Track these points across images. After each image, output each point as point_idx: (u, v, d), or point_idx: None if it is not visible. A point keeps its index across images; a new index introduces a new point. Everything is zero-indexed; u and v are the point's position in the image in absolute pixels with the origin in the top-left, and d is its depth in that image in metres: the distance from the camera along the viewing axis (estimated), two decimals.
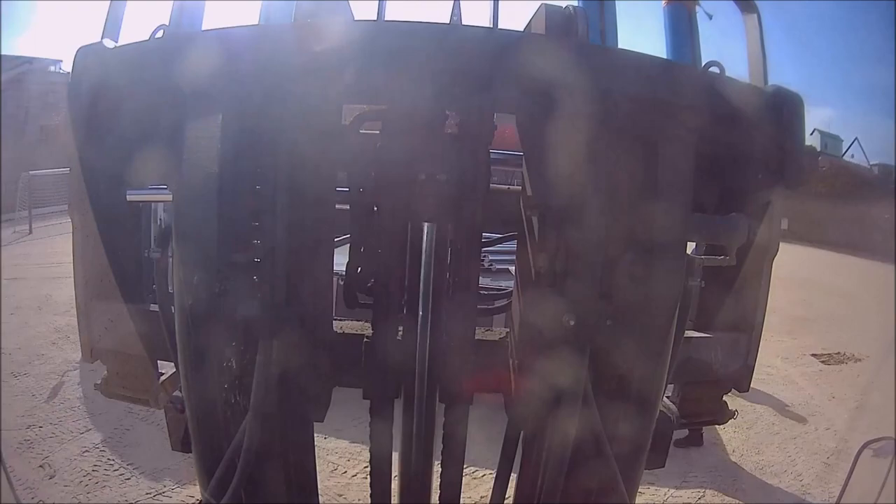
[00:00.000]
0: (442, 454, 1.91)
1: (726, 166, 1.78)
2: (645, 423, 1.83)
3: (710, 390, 2.21)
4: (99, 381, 2.25)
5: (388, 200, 1.78)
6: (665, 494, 4.34)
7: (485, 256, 4.48)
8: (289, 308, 1.68)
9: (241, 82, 1.66)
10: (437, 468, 1.96)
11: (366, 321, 1.95)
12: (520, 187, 2.01)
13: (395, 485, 1.95)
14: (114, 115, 1.81)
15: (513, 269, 2.09)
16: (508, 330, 1.99)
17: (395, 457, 1.92)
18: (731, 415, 2.29)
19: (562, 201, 1.65)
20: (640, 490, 2.01)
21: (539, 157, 1.72)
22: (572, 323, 1.65)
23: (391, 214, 1.78)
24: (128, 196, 1.97)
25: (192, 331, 1.73)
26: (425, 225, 1.74)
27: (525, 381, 1.80)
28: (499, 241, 2.09)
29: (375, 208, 1.81)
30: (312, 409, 1.83)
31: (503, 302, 2.10)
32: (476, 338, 1.92)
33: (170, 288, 1.88)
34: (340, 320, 1.98)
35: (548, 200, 1.70)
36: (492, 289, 2.82)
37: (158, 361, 2.19)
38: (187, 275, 1.71)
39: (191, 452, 1.89)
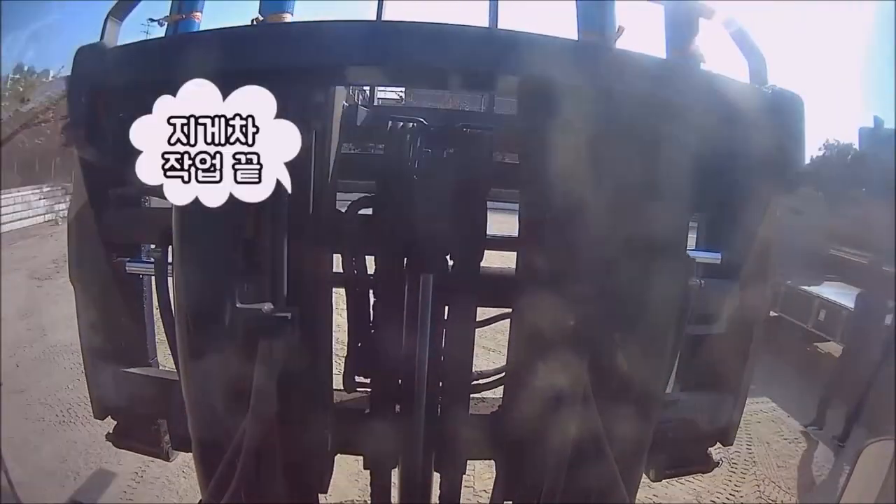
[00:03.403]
0: None
1: (726, 167, 1.77)
2: (645, 422, 1.83)
3: (696, 445, 2.29)
4: (110, 432, 2.31)
5: (386, 287, 1.84)
6: None
7: None
8: (287, 309, 1.69)
9: (240, 82, 1.65)
10: None
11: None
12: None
13: None
14: (113, 115, 1.81)
15: None
16: (501, 403, 2.05)
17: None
18: (716, 464, 2.36)
19: (560, 202, 1.65)
20: None
21: (538, 157, 1.72)
22: (572, 323, 1.65)
23: (388, 302, 1.84)
24: (127, 267, 2.04)
25: (192, 333, 1.73)
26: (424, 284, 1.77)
27: (524, 381, 1.80)
28: (494, 319, 2.16)
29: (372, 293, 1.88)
30: (312, 478, 1.91)
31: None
32: (470, 412, 1.98)
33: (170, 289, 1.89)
34: (339, 390, 2.01)
35: (547, 201, 1.70)
36: None
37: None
38: (187, 277, 1.71)
39: (190, 451, 1.90)
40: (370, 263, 1.93)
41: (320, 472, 1.94)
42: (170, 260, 1.85)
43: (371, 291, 1.90)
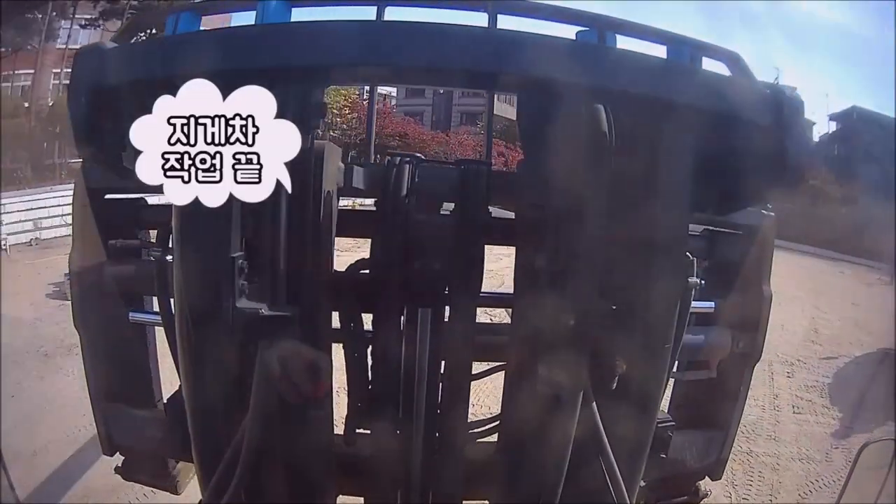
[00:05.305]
0: None
1: (725, 166, 1.77)
2: (645, 422, 1.84)
3: (685, 480, 2.32)
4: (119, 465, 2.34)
5: (382, 336, 1.85)
6: None
7: None
8: (288, 307, 1.69)
9: (240, 82, 1.65)
10: None
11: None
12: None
13: None
14: (113, 116, 1.81)
15: None
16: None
17: None
18: (705, 495, 2.38)
19: (560, 201, 1.66)
20: None
21: (539, 156, 1.73)
22: (572, 322, 1.66)
23: (386, 353, 1.85)
24: (130, 317, 2.09)
25: (192, 332, 1.73)
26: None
27: (524, 381, 1.80)
28: (490, 372, 2.16)
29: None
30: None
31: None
32: (466, 454, 2.00)
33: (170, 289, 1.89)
34: (339, 435, 2.02)
35: (547, 200, 1.70)
36: None
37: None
38: (187, 276, 1.71)
39: (190, 454, 1.90)
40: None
41: None
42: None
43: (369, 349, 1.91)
